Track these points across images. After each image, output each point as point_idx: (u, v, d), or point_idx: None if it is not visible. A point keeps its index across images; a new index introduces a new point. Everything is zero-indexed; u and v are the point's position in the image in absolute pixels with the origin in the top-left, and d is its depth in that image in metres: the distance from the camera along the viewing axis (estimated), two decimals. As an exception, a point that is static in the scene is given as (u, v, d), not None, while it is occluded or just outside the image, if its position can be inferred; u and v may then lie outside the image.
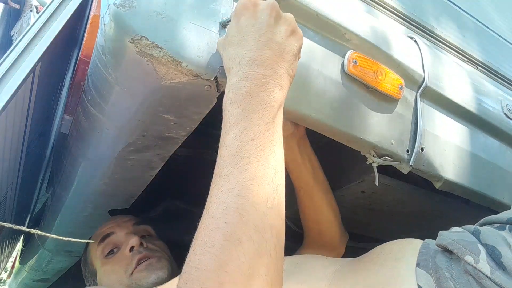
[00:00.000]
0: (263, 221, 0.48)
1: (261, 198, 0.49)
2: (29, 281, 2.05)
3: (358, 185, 1.03)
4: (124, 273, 1.01)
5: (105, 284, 1.06)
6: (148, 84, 0.66)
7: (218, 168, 0.52)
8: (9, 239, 1.72)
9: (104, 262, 1.08)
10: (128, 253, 1.04)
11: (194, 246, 0.47)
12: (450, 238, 0.60)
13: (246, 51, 0.57)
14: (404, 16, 0.99)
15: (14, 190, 1.23)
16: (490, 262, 0.54)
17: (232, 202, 0.48)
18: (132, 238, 1.06)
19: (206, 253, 0.45)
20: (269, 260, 0.46)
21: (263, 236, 0.47)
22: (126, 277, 1.01)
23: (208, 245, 0.45)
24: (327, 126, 0.75)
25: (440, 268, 0.58)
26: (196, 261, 0.45)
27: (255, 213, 0.48)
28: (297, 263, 0.80)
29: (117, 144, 0.84)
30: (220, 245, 0.45)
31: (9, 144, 0.91)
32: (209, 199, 0.50)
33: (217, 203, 0.49)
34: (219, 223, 0.47)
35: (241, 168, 0.50)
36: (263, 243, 0.46)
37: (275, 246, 0.48)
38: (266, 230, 0.47)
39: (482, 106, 0.97)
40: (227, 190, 0.49)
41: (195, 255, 0.46)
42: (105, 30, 0.62)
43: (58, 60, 1.02)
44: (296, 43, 0.61)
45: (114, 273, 1.03)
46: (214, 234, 0.46)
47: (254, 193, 0.49)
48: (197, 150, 1.34)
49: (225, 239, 0.45)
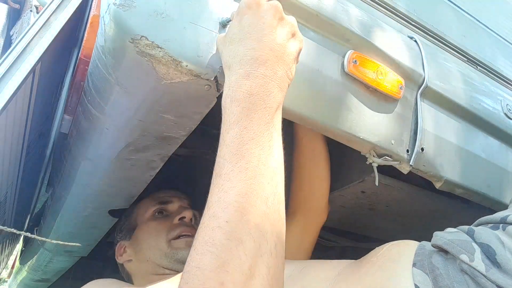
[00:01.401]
0: (263, 220, 0.48)
1: (262, 197, 0.49)
2: (29, 281, 2.05)
3: (358, 185, 1.03)
4: (166, 235, 1.04)
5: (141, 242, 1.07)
6: (148, 84, 0.66)
7: (218, 167, 0.52)
8: (9, 239, 1.72)
9: (150, 220, 1.10)
10: (177, 220, 1.08)
11: (195, 246, 0.47)
12: (445, 238, 0.60)
13: (248, 49, 0.57)
14: (404, 16, 0.99)
15: (14, 190, 1.23)
16: (485, 260, 0.55)
17: (233, 201, 0.48)
18: (187, 211, 1.10)
19: (207, 252, 0.45)
20: (270, 259, 0.46)
21: (263, 235, 0.47)
22: (165, 240, 1.03)
23: (209, 244, 0.45)
24: (327, 126, 0.75)
25: (436, 267, 0.58)
26: (197, 260, 0.45)
27: (255, 212, 0.48)
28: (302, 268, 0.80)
29: (117, 144, 0.84)
30: (221, 244, 0.45)
31: (9, 144, 0.91)
32: (210, 198, 0.50)
33: (217, 202, 0.49)
34: (220, 222, 0.47)
35: (241, 167, 0.50)
36: (263, 242, 0.46)
37: (276, 244, 0.48)
38: (267, 229, 0.48)
39: (482, 106, 0.97)
40: (228, 189, 0.49)
41: (196, 254, 0.46)
42: (105, 30, 0.62)
43: (58, 60, 1.02)
44: (296, 47, 0.61)
45: (156, 232, 1.06)
46: (215, 233, 0.46)
47: (255, 192, 0.49)
48: (197, 150, 1.34)
49: (226, 238, 0.45)
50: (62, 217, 1.23)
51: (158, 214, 1.12)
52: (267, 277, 0.45)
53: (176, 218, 1.09)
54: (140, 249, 1.07)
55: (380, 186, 0.96)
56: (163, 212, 1.13)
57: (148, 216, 1.12)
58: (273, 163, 0.53)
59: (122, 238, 1.13)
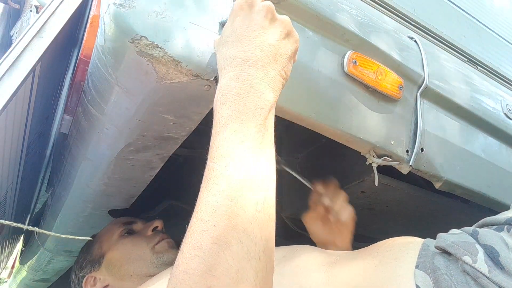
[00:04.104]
0: (252, 224, 0.47)
1: (251, 201, 0.48)
2: (29, 281, 2.05)
3: (358, 185, 1.03)
4: (146, 244, 1.04)
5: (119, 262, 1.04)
6: (148, 84, 0.66)
7: (207, 170, 0.51)
8: (9, 239, 1.72)
9: (121, 239, 1.08)
10: (150, 232, 1.08)
11: (182, 249, 0.46)
12: (448, 240, 0.60)
13: (239, 51, 0.57)
14: (404, 16, 0.99)
15: (14, 190, 1.22)
16: (488, 261, 0.54)
17: (221, 205, 0.47)
18: (157, 221, 1.11)
19: (194, 256, 0.44)
20: (258, 263, 0.46)
21: (252, 239, 0.46)
22: (148, 249, 1.03)
23: (197, 248, 0.45)
24: (327, 126, 0.75)
25: (437, 268, 0.58)
26: (185, 265, 0.44)
27: (244, 216, 0.47)
28: (296, 250, 0.80)
29: (117, 144, 0.84)
30: (208, 249, 0.44)
31: (9, 144, 0.91)
32: (198, 201, 0.49)
33: (206, 205, 0.48)
34: (208, 226, 0.46)
35: (230, 171, 0.49)
36: (252, 247, 0.46)
37: (264, 249, 0.47)
38: (256, 233, 0.47)
39: (482, 106, 0.97)
40: (216, 193, 0.48)
41: (184, 258, 0.45)
42: (105, 30, 0.62)
43: (58, 60, 1.02)
44: (291, 46, 0.61)
45: (134, 245, 1.05)
46: (202, 237, 0.45)
47: (244, 196, 0.48)
48: (197, 150, 1.34)
49: (213, 242, 0.45)
50: (62, 217, 1.23)
51: (127, 233, 1.11)
52: (255, 281, 0.44)
53: (149, 230, 1.09)
54: (119, 269, 1.04)
55: (380, 186, 0.96)
56: (131, 231, 1.11)
57: (117, 237, 1.09)
58: (263, 166, 0.52)
59: (87, 272, 1.08)
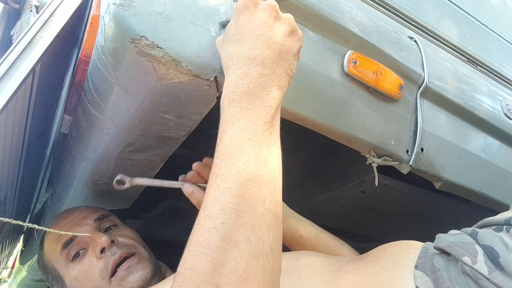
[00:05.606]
0: (260, 222, 0.47)
1: (259, 198, 0.48)
2: (29, 281, 2.05)
3: (358, 185, 1.03)
4: (101, 279, 0.89)
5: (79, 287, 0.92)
6: (148, 84, 0.66)
7: (215, 167, 0.51)
8: (9, 239, 1.72)
9: (72, 267, 0.93)
10: (100, 255, 0.90)
11: (189, 247, 0.46)
12: (448, 241, 0.60)
13: (245, 50, 0.57)
14: (404, 16, 0.99)
15: (14, 190, 1.22)
16: (488, 262, 0.54)
17: (229, 202, 0.47)
18: (101, 238, 0.91)
19: (202, 254, 0.44)
20: (266, 261, 0.46)
21: (260, 237, 0.46)
22: (104, 283, 0.88)
23: (204, 245, 0.45)
24: (327, 126, 0.75)
25: (437, 269, 0.57)
26: (192, 262, 0.44)
27: (252, 214, 0.47)
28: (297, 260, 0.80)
29: (117, 144, 0.84)
30: (216, 246, 0.44)
31: (9, 144, 0.91)
32: (206, 198, 0.49)
33: (213, 203, 0.48)
34: (216, 223, 0.46)
35: (238, 168, 0.50)
36: (259, 245, 0.46)
37: (272, 247, 0.47)
38: (263, 231, 0.47)
39: (482, 106, 0.97)
40: (224, 190, 0.48)
41: (190, 256, 0.45)
42: (105, 30, 0.62)
43: (58, 60, 1.02)
44: (295, 44, 0.61)
45: (89, 280, 0.90)
46: (210, 235, 0.45)
47: (252, 194, 0.48)
48: (197, 150, 1.34)
49: (221, 240, 0.45)
50: (62, 217, 1.22)
51: (75, 257, 0.93)
52: (263, 280, 0.44)
53: (97, 252, 0.90)
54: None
55: (380, 186, 0.96)
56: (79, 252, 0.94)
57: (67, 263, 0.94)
58: (271, 164, 0.52)
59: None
